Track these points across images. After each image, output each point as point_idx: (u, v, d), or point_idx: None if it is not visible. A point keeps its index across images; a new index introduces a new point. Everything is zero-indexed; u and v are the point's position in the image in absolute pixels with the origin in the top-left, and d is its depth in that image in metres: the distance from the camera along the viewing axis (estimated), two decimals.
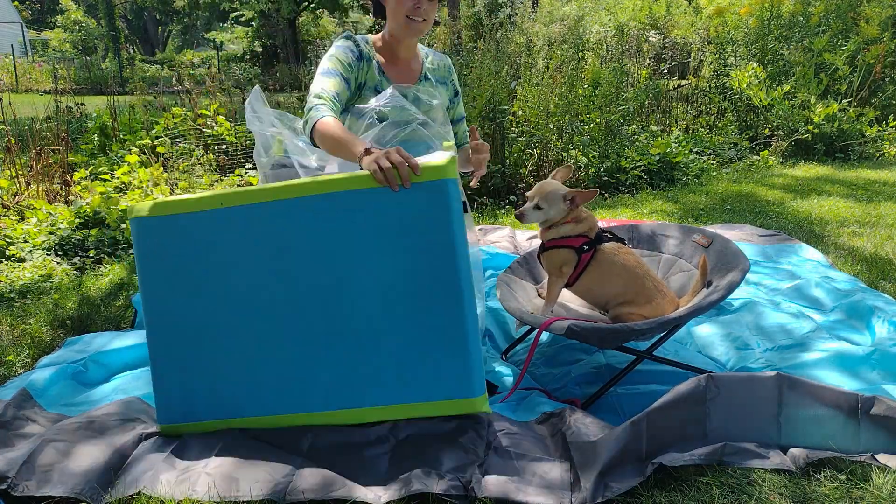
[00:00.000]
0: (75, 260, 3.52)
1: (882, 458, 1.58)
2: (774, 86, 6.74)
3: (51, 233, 3.75)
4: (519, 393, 2.05)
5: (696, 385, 1.66)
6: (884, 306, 2.49)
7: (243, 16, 21.18)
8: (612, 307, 2.09)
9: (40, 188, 4.48)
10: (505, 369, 2.26)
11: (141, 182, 4.55)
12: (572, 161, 5.32)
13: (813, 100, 6.52)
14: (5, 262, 3.44)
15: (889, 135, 6.57)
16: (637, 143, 5.94)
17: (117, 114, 6.06)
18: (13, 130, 5.48)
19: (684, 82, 8.21)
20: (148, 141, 5.35)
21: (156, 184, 4.56)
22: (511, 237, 3.75)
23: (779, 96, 6.58)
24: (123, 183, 4.61)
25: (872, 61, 6.77)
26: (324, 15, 22.76)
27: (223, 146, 5.59)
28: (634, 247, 2.43)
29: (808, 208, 4.35)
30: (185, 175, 4.81)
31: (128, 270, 3.27)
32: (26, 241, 3.65)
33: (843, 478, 1.53)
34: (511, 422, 1.84)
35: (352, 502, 1.49)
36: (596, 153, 5.45)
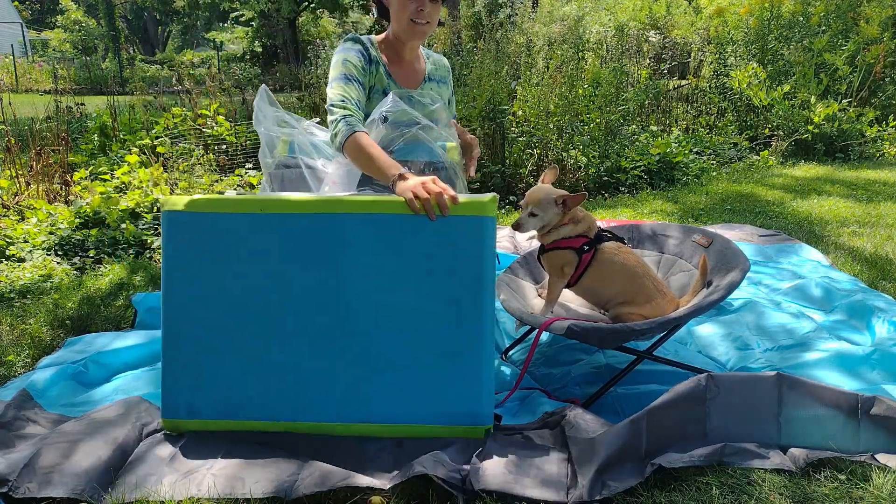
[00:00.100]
0: (75, 260, 3.52)
1: (882, 458, 1.58)
2: (774, 86, 6.75)
3: (51, 233, 3.75)
4: (519, 393, 2.05)
5: (695, 385, 1.66)
6: (884, 306, 2.49)
7: (243, 16, 21.19)
8: (612, 307, 2.09)
9: (40, 188, 4.48)
10: (505, 369, 2.26)
11: (141, 182, 4.54)
12: (572, 161, 5.32)
13: (813, 100, 6.52)
14: (5, 262, 3.44)
15: (889, 135, 6.57)
16: (637, 143, 5.94)
17: (117, 114, 6.07)
18: (13, 130, 5.48)
19: (684, 82, 8.21)
20: (148, 141, 5.35)
21: (156, 184, 4.56)
22: (511, 237, 3.75)
23: (779, 96, 6.58)
24: (123, 183, 4.61)
25: (872, 61, 6.77)
26: (324, 15, 22.75)
27: (223, 146, 5.59)
28: (635, 247, 2.43)
29: (808, 208, 4.35)
30: (185, 175, 4.81)
31: (128, 270, 3.27)
32: (26, 241, 3.65)
33: (843, 478, 1.53)
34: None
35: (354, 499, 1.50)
36: (596, 153, 5.45)
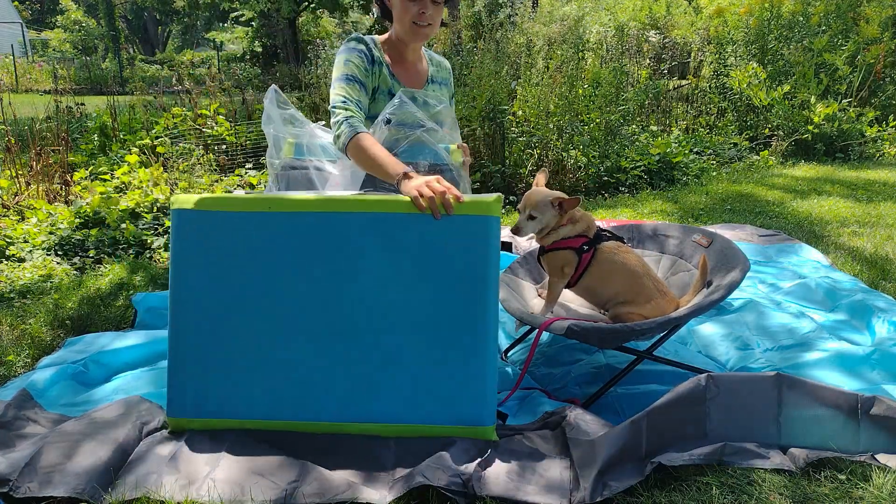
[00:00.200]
0: (75, 260, 3.52)
1: (882, 458, 1.58)
2: (774, 86, 6.74)
3: (51, 233, 3.75)
4: (519, 393, 2.05)
5: (695, 385, 1.66)
6: (884, 306, 2.49)
7: (243, 16, 21.16)
8: (612, 307, 2.09)
9: (40, 188, 4.48)
10: (505, 369, 2.26)
11: (141, 182, 4.54)
12: (572, 161, 5.32)
13: (813, 100, 6.52)
14: (5, 262, 3.44)
15: (889, 135, 6.57)
16: (637, 143, 5.94)
17: (117, 114, 6.07)
18: (13, 130, 5.48)
19: (684, 82, 8.21)
20: (148, 141, 5.35)
21: (156, 184, 4.56)
22: (511, 237, 3.75)
23: (779, 96, 6.58)
24: (123, 183, 4.61)
25: (872, 61, 6.77)
26: (324, 15, 22.74)
27: (223, 146, 5.59)
28: (635, 247, 2.43)
29: (808, 208, 4.35)
30: (185, 175, 4.81)
31: (128, 270, 3.27)
32: (26, 241, 3.65)
33: (843, 478, 1.53)
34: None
35: None
36: (596, 153, 5.45)
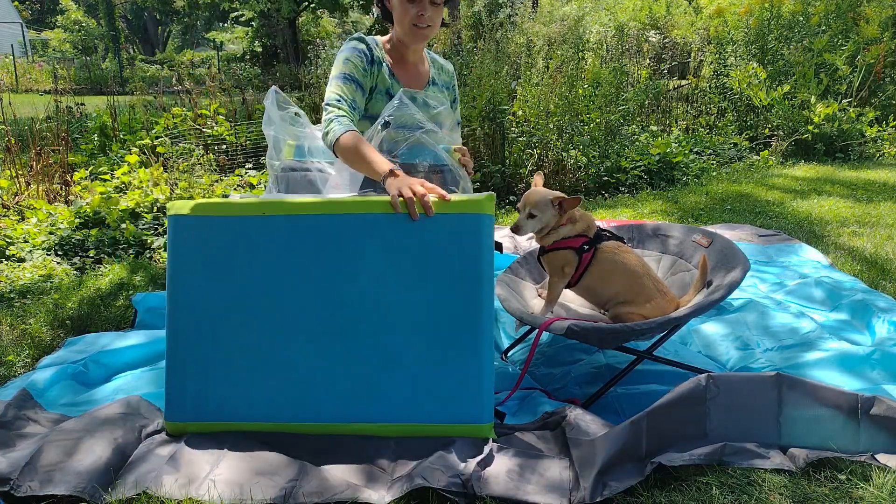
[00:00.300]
0: (75, 260, 3.52)
1: (882, 458, 1.58)
2: (774, 86, 6.74)
3: (51, 233, 3.75)
4: (519, 393, 2.05)
5: (696, 385, 1.66)
6: (884, 306, 2.49)
7: (243, 16, 21.15)
8: (612, 306, 2.09)
9: (40, 188, 4.48)
10: (505, 369, 2.26)
11: (141, 182, 4.54)
12: (572, 161, 5.32)
13: (813, 100, 6.51)
14: (5, 262, 3.44)
15: (889, 135, 6.57)
16: (637, 143, 5.94)
17: (117, 114, 6.07)
18: (13, 130, 5.48)
19: (684, 82, 8.21)
20: (148, 141, 5.35)
21: (156, 184, 4.56)
22: (511, 237, 3.75)
23: (779, 96, 6.58)
24: (123, 183, 4.61)
25: (872, 61, 6.77)
26: (324, 15, 22.74)
27: (223, 146, 5.59)
28: (635, 246, 2.43)
29: (808, 208, 4.35)
30: (185, 175, 4.81)
31: (128, 270, 3.27)
32: (26, 241, 3.65)
33: (843, 478, 1.53)
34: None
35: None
36: (596, 153, 5.45)
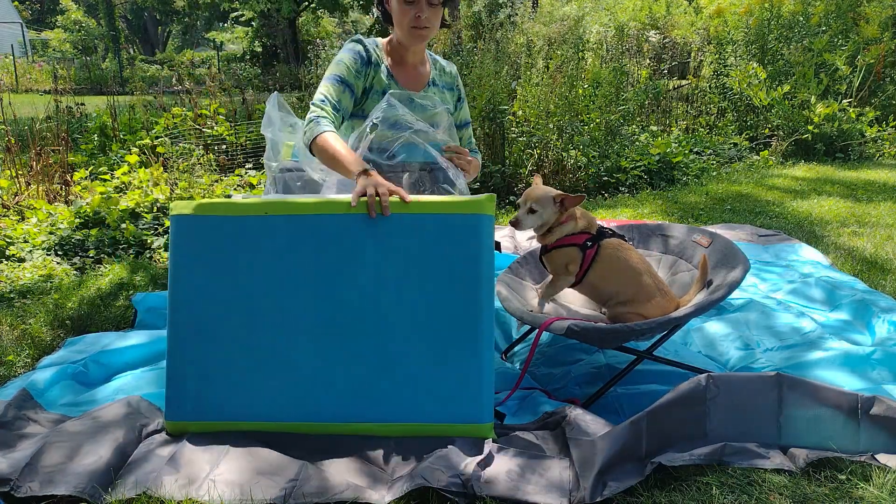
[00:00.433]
0: (75, 260, 3.52)
1: (882, 458, 1.58)
2: (774, 86, 6.74)
3: (51, 233, 3.75)
4: (519, 393, 2.05)
5: (696, 385, 1.66)
6: (884, 306, 2.49)
7: (243, 16, 21.15)
8: (612, 305, 2.09)
9: (40, 188, 4.48)
10: (505, 369, 2.26)
11: (141, 182, 4.54)
12: (572, 161, 5.32)
13: (813, 100, 6.52)
14: (5, 262, 3.44)
15: (889, 135, 6.57)
16: (637, 143, 5.94)
17: (117, 114, 6.07)
18: (13, 130, 5.48)
19: (684, 82, 8.22)
20: (148, 141, 5.35)
21: (156, 184, 4.56)
22: (511, 237, 3.75)
23: (779, 96, 6.58)
24: (123, 183, 4.61)
25: (872, 61, 6.77)
26: (324, 15, 22.75)
27: (223, 146, 5.59)
28: (635, 246, 2.43)
29: (808, 208, 4.35)
30: (185, 175, 4.81)
31: (128, 270, 3.27)
32: (26, 241, 3.65)
33: (843, 478, 1.53)
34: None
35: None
36: (596, 153, 5.46)
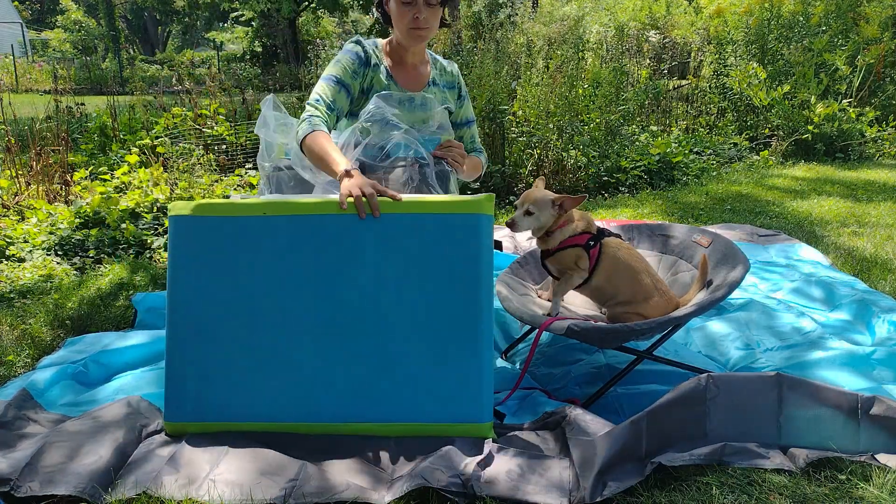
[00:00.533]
0: (75, 260, 3.52)
1: (882, 458, 1.58)
2: (774, 86, 6.74)
3: (51, 233, 3.74)
4: (519, 393, 2.05)
5: (696, 385, 1.66)
6: (884, 306, 2.49)
7: (243, 16, 21.17)
8: (612, 305, 2.09)
9: (40, 188, 4.48)
10: (505, 369, 2.26)
11: (141, 182, 4.54)
12: (572, 161, 5.32)
13: (813, 100, 6.52)
14: (5, 262, 3.44)
15: (889, 135, 6.57)
16: (637, 143, 5.94)
17: (117, 114, 6.07)
18: (13, 130, 5.47)
19: (684, 82, 8.22)
20: (148, 141, 5.34)
21: (156, 184, 4.56)
22: (511, 237, 3.75)
23: (779, 96, 6.58)
24: (123, 183, 4.61)
25: (872, 61, 6.77)
26: (324, 15, 22.76)
27: (223, 146, 5.59)
28: (635, 247, 2.43)
29: (808, 208, 4.35)
30: (185, 175, 4.81)
31: (128, 270, 3.27)
32: (26, 241, 3.65)
33: (843, 478, 1.53)
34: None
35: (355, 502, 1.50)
36: (596, 153, 5.46)
